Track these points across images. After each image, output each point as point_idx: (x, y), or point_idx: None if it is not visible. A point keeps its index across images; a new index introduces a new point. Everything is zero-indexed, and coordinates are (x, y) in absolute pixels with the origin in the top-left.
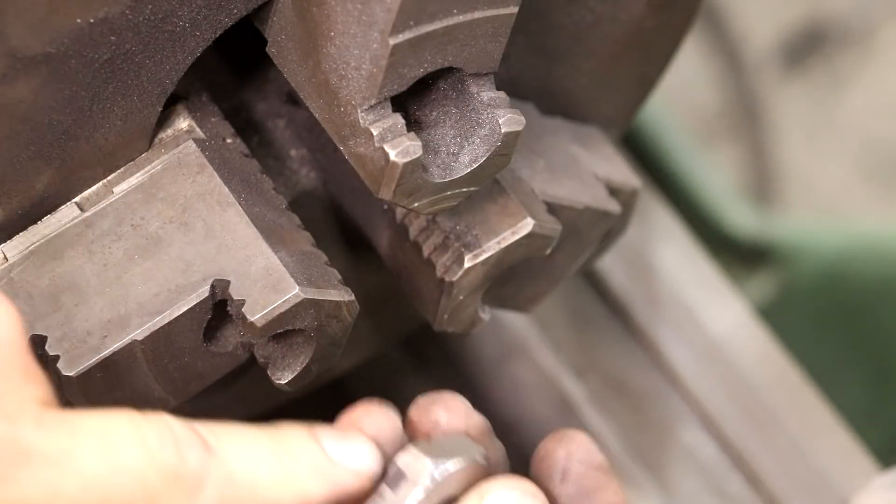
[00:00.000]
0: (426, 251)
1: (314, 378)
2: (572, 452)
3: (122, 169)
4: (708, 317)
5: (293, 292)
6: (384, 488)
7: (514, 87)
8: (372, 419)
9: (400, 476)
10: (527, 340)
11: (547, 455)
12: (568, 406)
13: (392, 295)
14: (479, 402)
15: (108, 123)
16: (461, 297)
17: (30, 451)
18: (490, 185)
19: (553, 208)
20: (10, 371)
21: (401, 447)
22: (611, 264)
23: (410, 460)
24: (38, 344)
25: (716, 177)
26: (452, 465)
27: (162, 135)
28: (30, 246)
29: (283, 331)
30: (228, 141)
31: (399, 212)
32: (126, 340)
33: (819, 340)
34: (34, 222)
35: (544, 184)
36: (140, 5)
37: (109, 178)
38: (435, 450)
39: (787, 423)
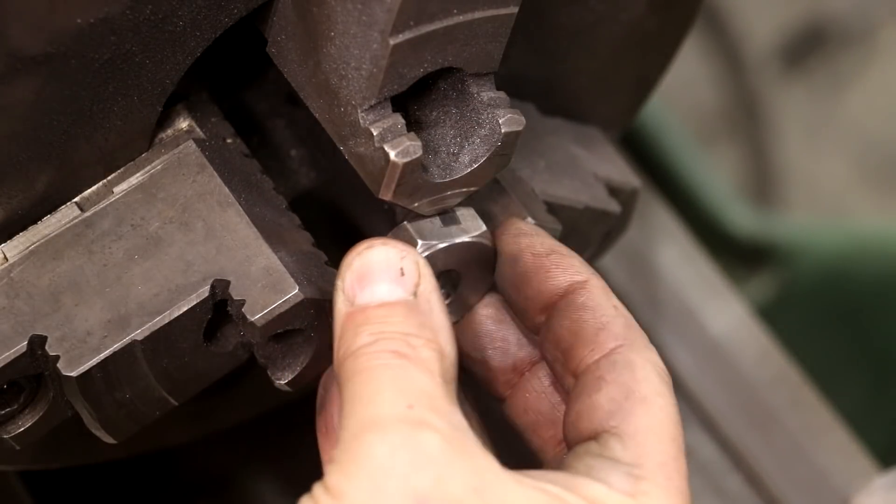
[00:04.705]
0: None
1: (315, 378)
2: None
3: (122, 169)
4: (708, 317)
5: (293, 292)
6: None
7: (515, 87)
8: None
9: (453, 219)
10: None
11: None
12: None
13: None
14: (484, 404)
15: (108, 123)
16: None
17: None
18: (490, 185)
19: (553, 208)
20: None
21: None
22: (611, 264)
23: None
24: (38, 344)
25: (716, 177)
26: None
27: (162, 135)
28: (30, 246)
29: (282, 331)
30: (228, 141)
31: (399, 212)
32: (126, 340)
33: (819, 340)
34: (34, 222)
35: (544, 184)
36: (140, 5)
37: (109, 178)
38: None
39: (787, 422)
